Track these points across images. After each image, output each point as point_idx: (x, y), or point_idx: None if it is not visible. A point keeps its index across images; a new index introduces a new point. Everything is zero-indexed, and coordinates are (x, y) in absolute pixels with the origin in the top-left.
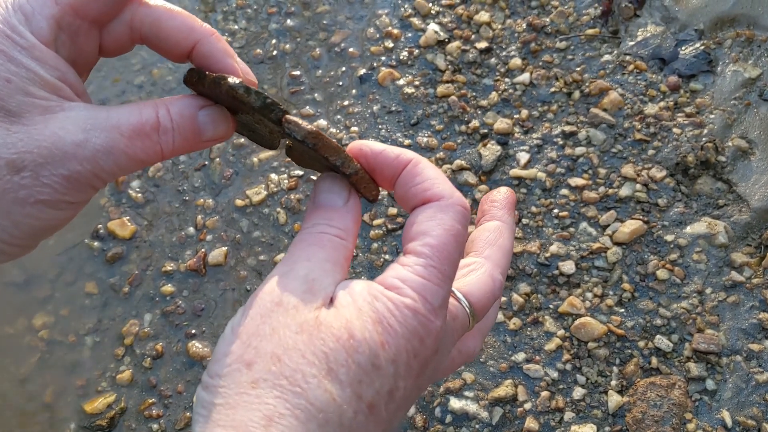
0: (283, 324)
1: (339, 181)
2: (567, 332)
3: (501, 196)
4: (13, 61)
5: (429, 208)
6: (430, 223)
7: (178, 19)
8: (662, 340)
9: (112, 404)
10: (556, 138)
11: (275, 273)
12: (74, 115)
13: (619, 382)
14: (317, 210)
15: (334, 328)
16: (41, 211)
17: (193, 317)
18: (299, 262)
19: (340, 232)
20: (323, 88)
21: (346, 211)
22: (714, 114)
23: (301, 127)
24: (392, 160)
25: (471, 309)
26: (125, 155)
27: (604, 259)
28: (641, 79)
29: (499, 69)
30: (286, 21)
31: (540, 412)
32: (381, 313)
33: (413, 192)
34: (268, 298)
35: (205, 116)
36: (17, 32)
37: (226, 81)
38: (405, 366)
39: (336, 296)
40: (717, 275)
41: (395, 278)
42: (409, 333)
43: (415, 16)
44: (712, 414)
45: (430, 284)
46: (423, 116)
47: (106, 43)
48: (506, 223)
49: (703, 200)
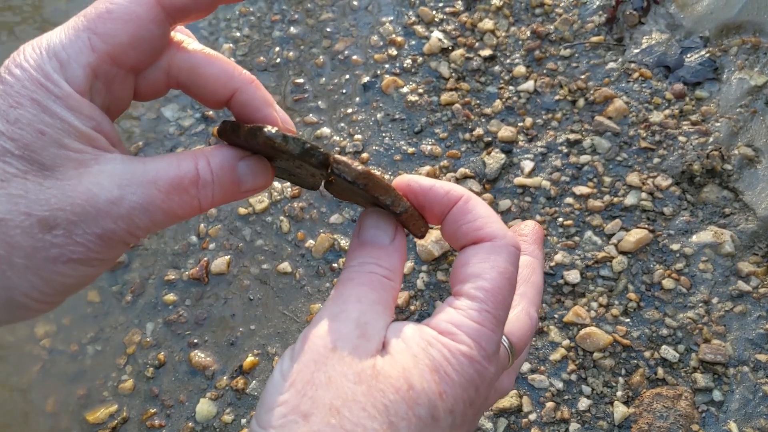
0: (339, 373)
1: (385, 217)
2: (572, 342)
3: (529, 230)
4: (48, 112)
5: (481, 249)
6: (483, 265)
7: (216, 66)
8: (668, 350)
9: (114, 414)
10: (560, 146)
11: (325, 314)
12: (110, 169)
13: (625, 393)
14: (363, 247)
15: (392, 378)
16: (73, 269)
17: (195, 326)
18: (349, 304)
19: (388, 272)
20: (327, 96)
21: (393, 250)
22: (720, 122)
23: (352, 168)
24: (442, 196)
25: (512, 348)
26: (161, 211)
27: (610, 268)
28: (646, 87)
29: (503, 77)
30: (290, 29)
31: (545, 423)
32: (437, 361)
33: (464, 230)
34: (321, 342)
35: (245, 167)
36: (52, 81)
37: (262, 132)
38: (461, 415)
39: (389, 342)
40: (723, 285)
41: (449, 323)
42: (466, 382)
43: (419, 23)
44: (720, 425)
45: (485, 330)
46: (427, 124)
47: (140, 89)
48: (537, 259)
49: (709, 209)
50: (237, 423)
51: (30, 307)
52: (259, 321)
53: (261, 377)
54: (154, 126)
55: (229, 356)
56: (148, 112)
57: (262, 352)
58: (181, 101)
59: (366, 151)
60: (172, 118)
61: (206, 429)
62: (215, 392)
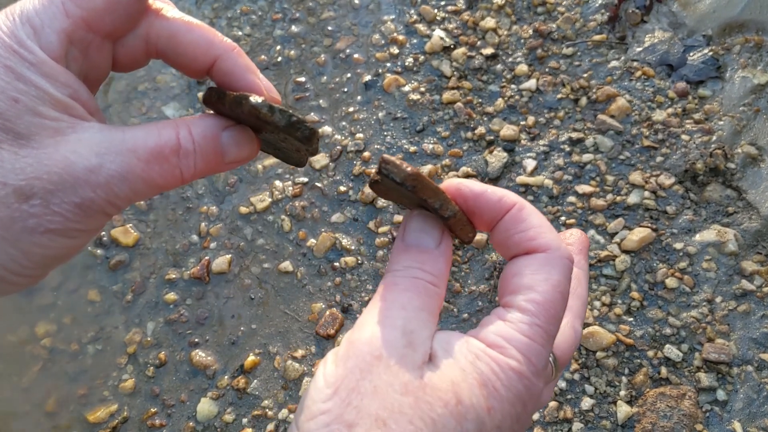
0: (386, 382)
1: (431, 220)
2: None
3: (575, 239)
4: (22, 79)
5: (534, 260)
6: (536, 277)
7: (196, 33)
8: (672, 349)
9: (115, 413)
10: (563, 145)
11: (369, 320)
12: (87, 137)
13: (628, 393)
14: (408, 251)
15: (440, 391)
16: (51, 240)
17: (196, 325)
18: (395, 310)
19: (434, 278)
20: (328, 95)
21: (439, 254)
22: (723, 120)
23: (401, 169)
24: (495, 202)
25: (556, 362)
26: (141, 180)
27: (613, 267)
28: (649, 86)
29: (505, 75)
30: (291, 27)
31: (548, 423)
32: (486, 375)
33: (517, 240)
34: (366, 349)
35: (228, 137)
36: (25, 47)
37: (248, 100)
38: (508, 431)
39: (435, 353)
40: (727, 284)
41: (498, 336)
42: (514, 398)
43: (421, 22)
44: (724, 425)
45: (535, 345)
46: (429, 123)
47: (119, 58)
48: (583, 270)
49: (712, 208)
50: (238, 423)
51: (9, 281)
52: (260, 320)
53: (262, 377)
54: None
55: (230, 356)
56: (149, 111)
57: (264, 352)
58: (182, 100)
59: (368, 150)
60: (173, 116)
61: (207, 429)
62: (216, 392)
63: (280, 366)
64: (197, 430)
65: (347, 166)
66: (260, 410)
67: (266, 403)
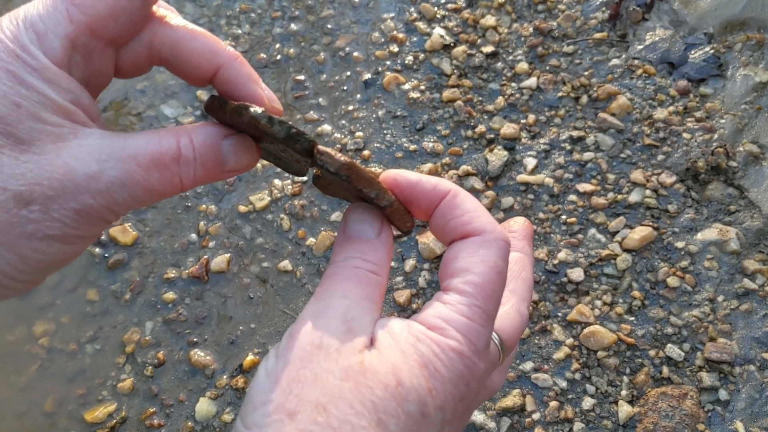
0: (326, 369)
1: (371, 211)
2: (576, 341)
3: (519, 226)
4: (24, 84)
5: (470, 243)
6: (472, 260)
7: (200, 41)
8: (673, 349)
9: (113, 413)
10: (563, 143)
11: (310, 311)
12: (88, 143)
13: (630, 392)
14: (349, 242)
15: (380, 374)
16: (50, 246)
17: (195, 325)
18: (335, 299)
19: (375, 267)
20: (328, 93)
21: (380, 244)
22: (724, 119)
23: (335, 158)
24: (429, 191)
25: (502, 345)
26: (141, 187)
27: (614, 266)
28: (650, 84)
29: (505, 73)
30: (290, 25)
31: (549, 423)
32: (426, 357)
33: (452, 225)
34: (307, 339)
35: (228, 146)
36: (28, 52)
37: (248, 110)
38: (451, 411)
39: (376, 337)
40: (729, 283)
41: (438, 318)
42: (456, 378)
43: (421, 20)
44: (726, 425)
45: (474, 325)
46: (429, 121)
47: (122, 64)
48: (528, 255)
49: (714, 206)
50: None
51: (5, 285)
52: (259, 319)
53: None
54: (154, 124)
55: (229, 355)
56: (147, 110)
57: (263, 351)
58: (181, 98)
59: (367, 149)
60: (172, 115)
61: (206, 428)
62: (215, 391)
63: None
64: (196, 430)
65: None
66: None
67: None
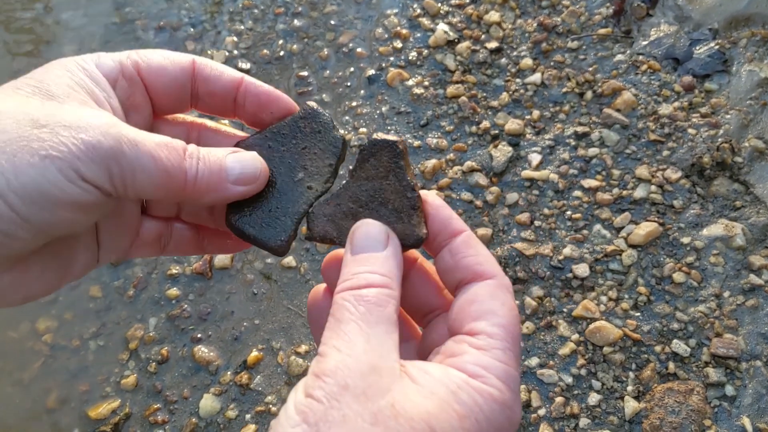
0: (355, 411)
1: (376, 227)
2: (581, 336)
3: None
4: (74, 76)
5: (487, 287)
6: (494, 303)
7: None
8: (679, 344)
9: (117, 410)
10: (568, 139)
11: (330, 348)
12: (107, 115)
13: (636, 388)
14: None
15: (413, 420)
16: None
17: (199, 321)
18: (352, 334)
19: (385, 280)
20: (331, 89)
21: (389, 255)
22: (730, 114)
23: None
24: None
25: None
26: (149, 155)
27: (619, 261)
28: (655, 79)
29: (509, 69)
30: (294, 21)
31: (554, 419)
32: (468, 407)
33: (466, 263)
34: (332, 380)
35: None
36: (86, 64)
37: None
38: None
39: (410, 374)
40: (735, 278)
41: (476, 365)
42: (495, 429)
43: (424, 16)
44: (732, 420)
45: (511, 370)
46: (433, 117)
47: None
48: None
49: (719, 202)
50: (241, 418)
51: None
52: (263, 316)
53: (265, 372)
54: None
55: (233, 351)
56: None
57: (267, 347)
58: None
59: None
60: None
61: (210, 425)
62: (219, 387)
63: (283, 362)
64: (200, 426)
65: (351, 161)
66: (263, 406)
67: (269, 399)
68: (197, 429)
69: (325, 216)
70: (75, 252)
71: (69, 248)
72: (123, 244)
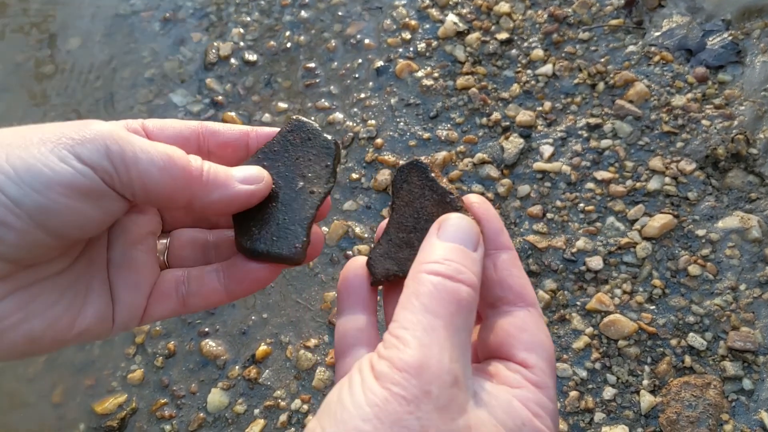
0: (435, 426)
1: (466, 223)
2: (596, 330)
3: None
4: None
5: (531, 315)
6: (542, 335)
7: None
8: (695, 338)
9: (123, 404)
10: (580, 130)
11: (412, 337)
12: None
13: (652, 382)
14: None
15: None
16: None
17: (206, 315)
18: (440, 330)
19: (475, 281)
20: (339, 81)
21: (478, 258)
22: (744, 106)
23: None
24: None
25: None
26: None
27: (633, 254)
28: (667, 71)
29: (520, 60)
30: (301, 12)
31: (569, 413)
32: None
33: (510, 283)
34: (416, 382)
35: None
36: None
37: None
38: None
39: (480, 397)
40: (751, 271)
41: (538, 406)
42: None
43: (433, 6)
44: (750, 415)
45: (556, 409)
46: (442, 109)
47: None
48: None
49: (734, 194)
50: (250, 413)
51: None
52: (271, 309)
53: (274, 366)
54: (162, 112)
55: (241, 345)
56: (156, 98)
57: (275, 341)
58: (189, 87)
59: (380, 137)
60: (181, 103)
61: (218, 420)
62: (227, 382)
63: (292, 356)
64: (208, 421)
65: (359, 153)
66: (272, 401)
67: (278, 394)
68: (205, 424)
69: (381, 256)
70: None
71: (77, 282)
72: (138, 297)
